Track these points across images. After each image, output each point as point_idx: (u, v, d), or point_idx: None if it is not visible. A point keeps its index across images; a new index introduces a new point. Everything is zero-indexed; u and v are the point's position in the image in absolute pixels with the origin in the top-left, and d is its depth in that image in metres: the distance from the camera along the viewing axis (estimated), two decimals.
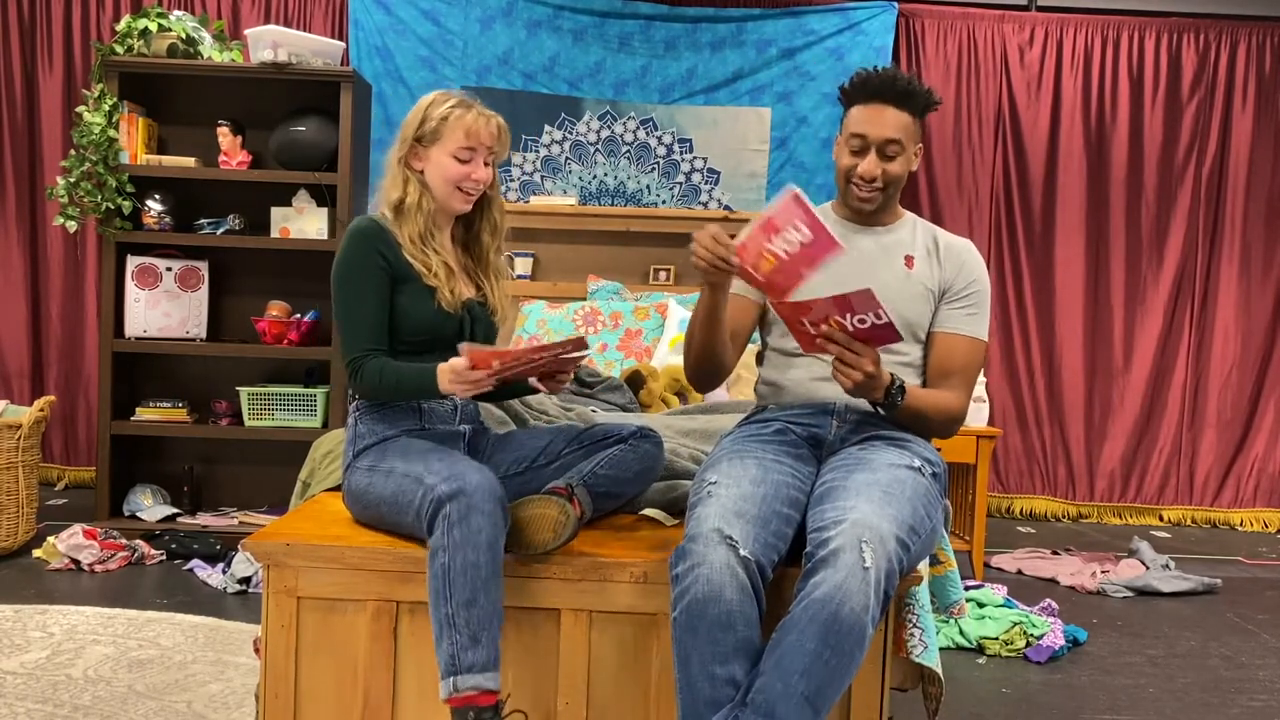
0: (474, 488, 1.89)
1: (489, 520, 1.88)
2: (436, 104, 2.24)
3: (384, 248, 2.18)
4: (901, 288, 2.19)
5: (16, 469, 4.03)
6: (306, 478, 2.67)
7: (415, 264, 2.18)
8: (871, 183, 2.17)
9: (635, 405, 3.62)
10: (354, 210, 4.42)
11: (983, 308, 2.23)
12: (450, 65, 5.25)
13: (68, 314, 5.30)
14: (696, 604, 1.76)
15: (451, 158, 2.22)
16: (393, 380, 2.12)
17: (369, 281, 2.16)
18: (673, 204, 5.41)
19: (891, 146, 2.15)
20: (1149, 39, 5.50)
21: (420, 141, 2.24)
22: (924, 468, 2.02)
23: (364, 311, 2.15)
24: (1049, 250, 5.56)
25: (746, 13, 5.40)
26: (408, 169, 2.25)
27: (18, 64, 5.23)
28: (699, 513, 1.88)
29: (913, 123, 2.18)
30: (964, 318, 2.21)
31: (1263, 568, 4.76)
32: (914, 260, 2.22)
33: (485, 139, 2.23)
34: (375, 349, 2.15)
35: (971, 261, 2.24)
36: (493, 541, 1.88)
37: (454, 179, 2.22)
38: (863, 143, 2.16)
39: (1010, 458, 5.63)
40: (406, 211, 2.22)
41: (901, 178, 2.20)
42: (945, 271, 2.22)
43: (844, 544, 1.75)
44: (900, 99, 2.15)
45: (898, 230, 2.26)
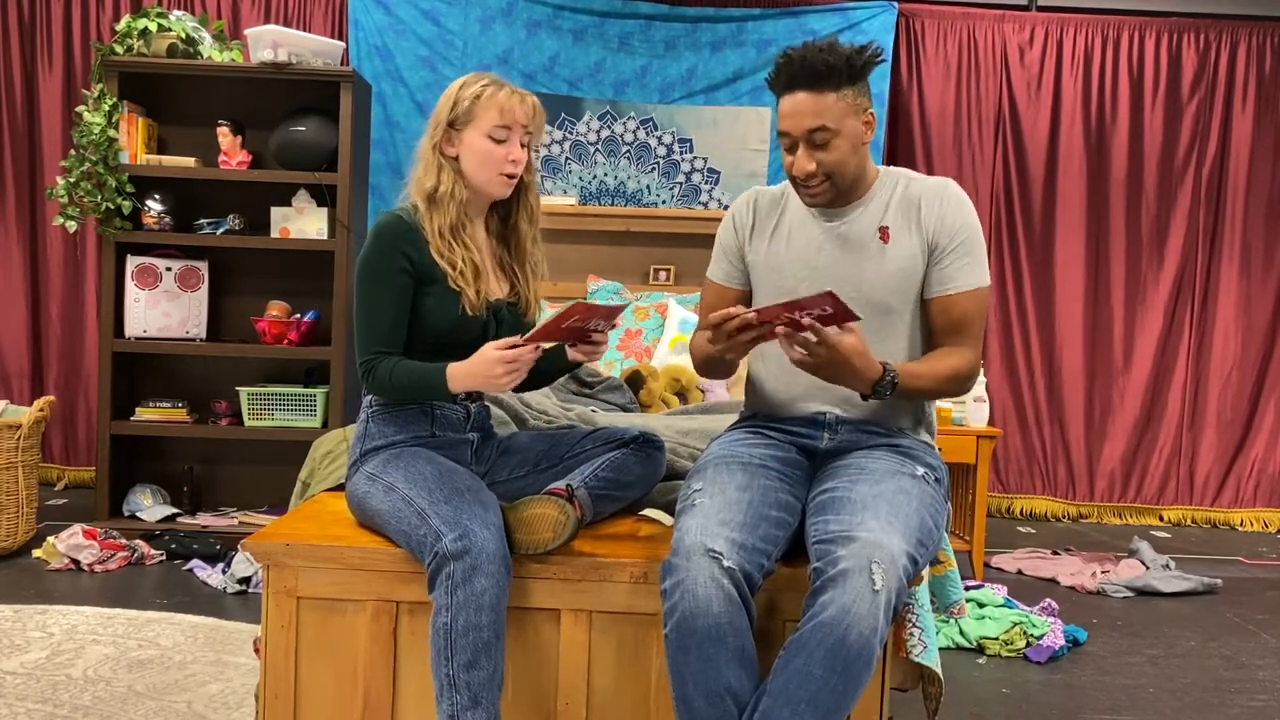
0: (479, 549, 1.85)
1: (493, 582, 1.85)
2: (468, 85, 2.16)
3: (409, 247, 2.10)
4: (880, 269, 2.07)
5: (16, 469, 4.03)
6: (306, 478, 2.67)
7: (441, 262, 2.10)
8: (810, 179, 2.02)
9: (635, 405, 3.62)
10: (354, 210, 4.43)
11: (974, 253, 2.06)
12: (450, 65, 5.24)
13: (68, 314, 5.30)
14: (685, 620, 1.75)
15: (487, 138, 2.14)
16: (403, 381, 2.08)
17: (390, 282, 2.09)
18: (673, 204, 5.41)
19: (819, 135, 1.98)
20: (1149, 39, 5.50)
21: (454, 125, 2.16)
22: (926, 475, 2.00)
23: (382, 312, 2.09)
24: (1049, 250, 5.56)
25: (746, 13, 5.41)
26: (442, 156, 2.16)
27: (18, 64, 5.22)
28: (682, 524, 1.86)
29: (839, 98, 1.97)
30: (956, 271, 2.06)
31: (1263, 568, 4.75)
32: (890, 231, 2.07)
33: (520, 117, 2.15)
34: (388, 351, 2.10)
35: (951, 208, 2.07)
36: (495, 603, 1.85)
37: (490, 161, 2.14)
38: (789, 140, 2.02)
39: (1010, 458, 5.63)
40: (439, 201, 2.13)
41: (845, 161, 2.01)
42: (926, 227, 2.07)
43: (853, 566, 1.71)
44: (816, 80, 1.97)
45: (870, 202, 2.10)
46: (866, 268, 2.08)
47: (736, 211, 2.24)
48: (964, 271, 2.06)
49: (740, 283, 2.23)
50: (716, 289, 2.26)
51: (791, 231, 2.16)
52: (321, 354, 4.41)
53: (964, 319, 2.06)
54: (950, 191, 2.10)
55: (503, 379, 2.00)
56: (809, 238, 2.13)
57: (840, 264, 2.10)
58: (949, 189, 2.10)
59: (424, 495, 1.97)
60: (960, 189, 2.12)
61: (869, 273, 2.08)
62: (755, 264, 2.20)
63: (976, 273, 2.07)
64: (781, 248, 2.16)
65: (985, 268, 2.09)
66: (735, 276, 2.24)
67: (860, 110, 2.02)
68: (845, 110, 1.99)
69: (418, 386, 2.09)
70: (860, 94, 2.02)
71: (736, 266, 2.23)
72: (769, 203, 2.22)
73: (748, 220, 2.22)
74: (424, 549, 1.91)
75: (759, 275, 2.19)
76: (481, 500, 1.96)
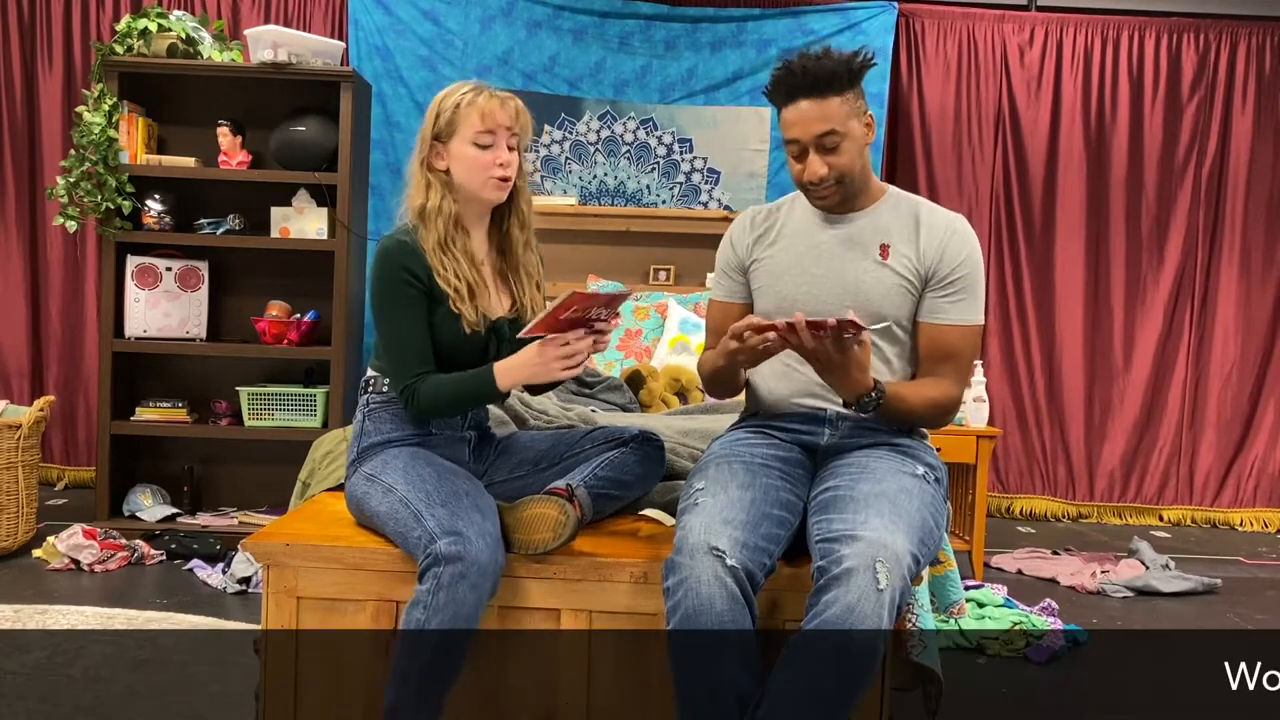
0: (471, 558, 1.86)
1: (476, 595, 1.86)
2: (449, 96, 2.16)
3: (414, 264, 2.10)
4: (876, 282, 2.09)
5: (16, 469, 4.03)
6: (306, 478, 2.68)
7: (440, 282, 2.10)
8: (822, 183, 2.06)
9: (635, 405, 3.62)
10: (354, 210, 4.43)
11: (972, 291, 2.10)
12: (450, 65, 5.24)
13: (68, 314, 5.29)
14: (688, 618, 1.76)
15: (472, 145, 2.13)
16: (450, 393, 2.08)
17: (404, 304, 2.09)
18: (673, 204, 5.41)
19: (829, 139, 2.02)
20: (1149, 39, 5.50)
21: (439, 139, 2.16)
22: (927, 474, 2.01)
23: (406, 335, 2.10)
24: (1049, 250, 5.55)
25: (746, 13, 5.40)
26: (429, 172, 2.17)
27: (18, 64, 5.22)
28: (685, 522, 1.87)
29: (843, 102, 2.02)
30: (950, 305, 2.09)
31: (1263, 568, 4.75)
32: (890, 249, 2.10)
33: (502, 119, 2.14)
34: (424, 372, 2.10)
35: (955, 244, 2.10)
36: (473, 614, 1.87)
37: (478, 167, 2.14)
38: (799, 146, 2.05)
39: (1010, 458, 5.62)
40: (429, 217, 2.14)
41: (853, 164, 2.06)
42: (926, 256, 2.09)
43: (858, 565, 1.72)
44: (818, 87, 2.01)
45: (875, 214, 2.13)
46: (865, 280, 2.10)
47: (735, 231, 2.27)
48: (958, 307, 2.09)
49: (744, 297, 2.24)
50: (721, 307, 2.28)
51: (792, 236, 2.18)
52: (321, 354, 4.41)
53: (952, 351, 2.09)
54: (957, 227, 2.13)
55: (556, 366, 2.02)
56: (809, 242, 2.15)
57: (839, 273, 2.11)
58: (956, 224, 2.13)
59: (421, 498, 1.97)
60: (968, 226, 2.15)
61: (867, 285, 2.10)
62: (756, 272, 2.21)
63: (971, 309, 2.10)
64: (782, 253, 2.17)
65: (981, 305, 2.12)
66: (738, 292, 2.25)
67: (861, 112, 2.07)
68: (849, 113, 2.04)
69: (466, 394, 2.09)
70: (859, 96, 2.07)
71: (739, 282, 2.25)
72: (765, 214, 2.25)
73: (747, 237, 2.23)
74: (418, 551, 1.91)
75: (760, 281, 2.20)
76: (479, 505, 1.97)
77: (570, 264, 4.84)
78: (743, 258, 2.23)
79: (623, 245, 4.95)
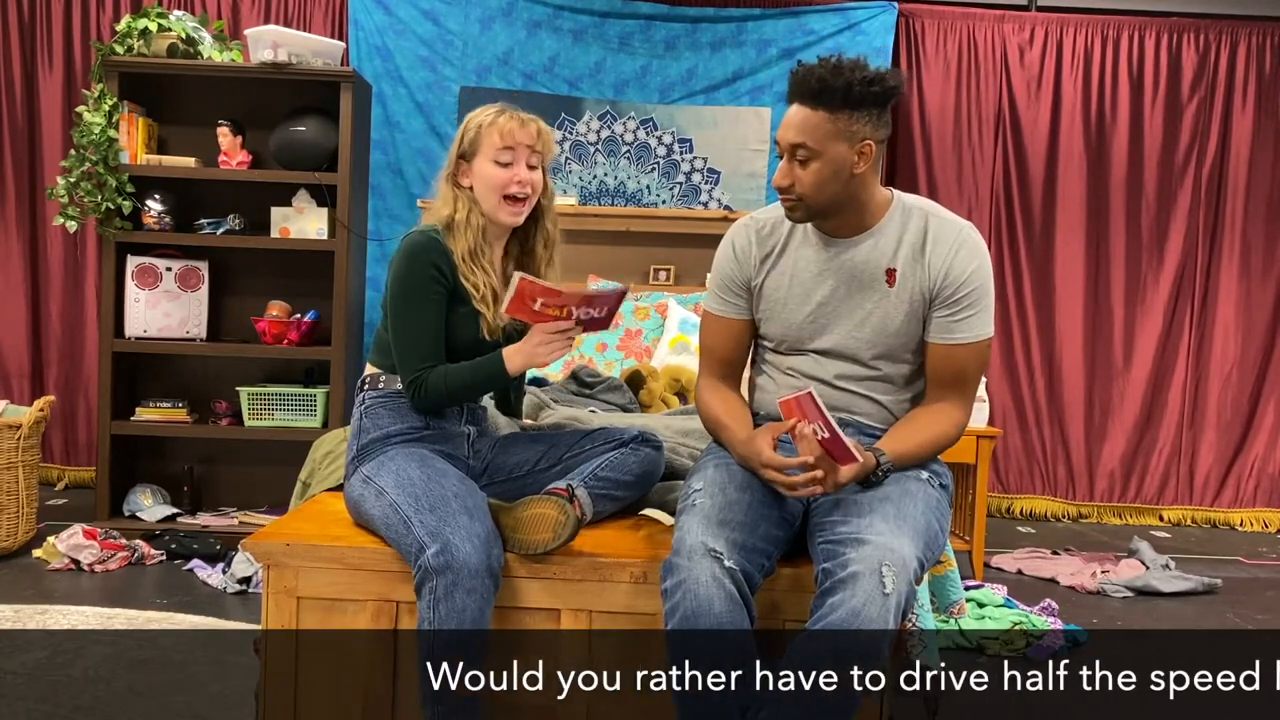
0: (460, 565, 1.87)
1: (474, 598, 1.88)
2: (475, 116, 2.24)
3: (442, 261, 2.15)
4: (885, 315, 2.03)
5: (16, 469, 4.03)
6: (306, 478, 2.67)
7: (466, 284, 2.16)
8: (785, 191, 1.97)
9: (635, 405, 3.62)
10: (354, 210, 4.43)
11: (980, 305, 2.03)
12: (450, 65, 5.24)
13: (68, 314, 5.29)
14: (687, 620, 1.76)
15: (492, 163, 2.19)
16: (461, 381, 2.13)
17: (427, 297, 2.13)
18: (673, 204, 5.41)
19: (799, 151, 1.93)
20: (1149, 39, 5.50)
21: (464, 157, 2.23)
22: (931, 479, 2.00)
23: (423, 327, 2.13)
24: (1049, 250, 5.55)
25: (746, 13, 5.40)
26: (456, 187, 2.23)
27: (18, 64, 5.22)
28: (683, 523, 1.86)
29: (830, 119, 1.90)
30: (959, 323, 2.02)
31: (1263, 568, 4.75)
32: (896, 274, 2.02)
33: (522, 138, 2.19)
34: (433, 364, 2.14)
35: (963, 258, 2.02)
36: (477, 618, 1.89)
37: (497, 185, 2.19)
38: (779, 149, 1.97)
39: (1010, 458, 5.62)
40: (456, 227, 2.19)
41: (821, 186, 1.94)
42: (933, 272, 2.02)
43: (864, 569, 1.72)
44: (809, 96, 1.91)
45: (879, 235, 2.04)
46: (872, 311, 2.04)
47: (736, 240, 2.14)
48: (968, 324, 2.03)
49: (743, 314, 2.15)
50: (722, 324, 2.17)
51: (794, 259, 2.09)
52: (321, 354, 4.41)
53: (961, 371, 2.04)
54: (965, 239, 2.04)
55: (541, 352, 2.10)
56: (812, 268, 2.08)
57: (845, 303, 2.06)
58: (965, 236, 2.04)
59: (410, 502, 1.99)
60: (978, 236, 2.07)
61: (874, 316, 2.04)
62: (761, 293, 2.13)
63: (980, 324, 2.04)
64: (785, 277, 2.09)
65: (990, 317, 2.06)
66: (741, 310, 2.15)
67: (853, 138, 1.93)
68: (833, 134, 1.91)
69: (476, 381, 2.14)
70: (859, 122, 1.92)
71: (740, 296, 2.14)
72: (769, 227, 2.13)
73: (751, 249, 2.11)
74: (410, 557, 1.94)
75: (764, 305, 2.13)
76: (467, 507, 1.97)
77: (570, 264, 4.77)
78: (750, 275, 2.12)
79: (623, 245, 4.95)
